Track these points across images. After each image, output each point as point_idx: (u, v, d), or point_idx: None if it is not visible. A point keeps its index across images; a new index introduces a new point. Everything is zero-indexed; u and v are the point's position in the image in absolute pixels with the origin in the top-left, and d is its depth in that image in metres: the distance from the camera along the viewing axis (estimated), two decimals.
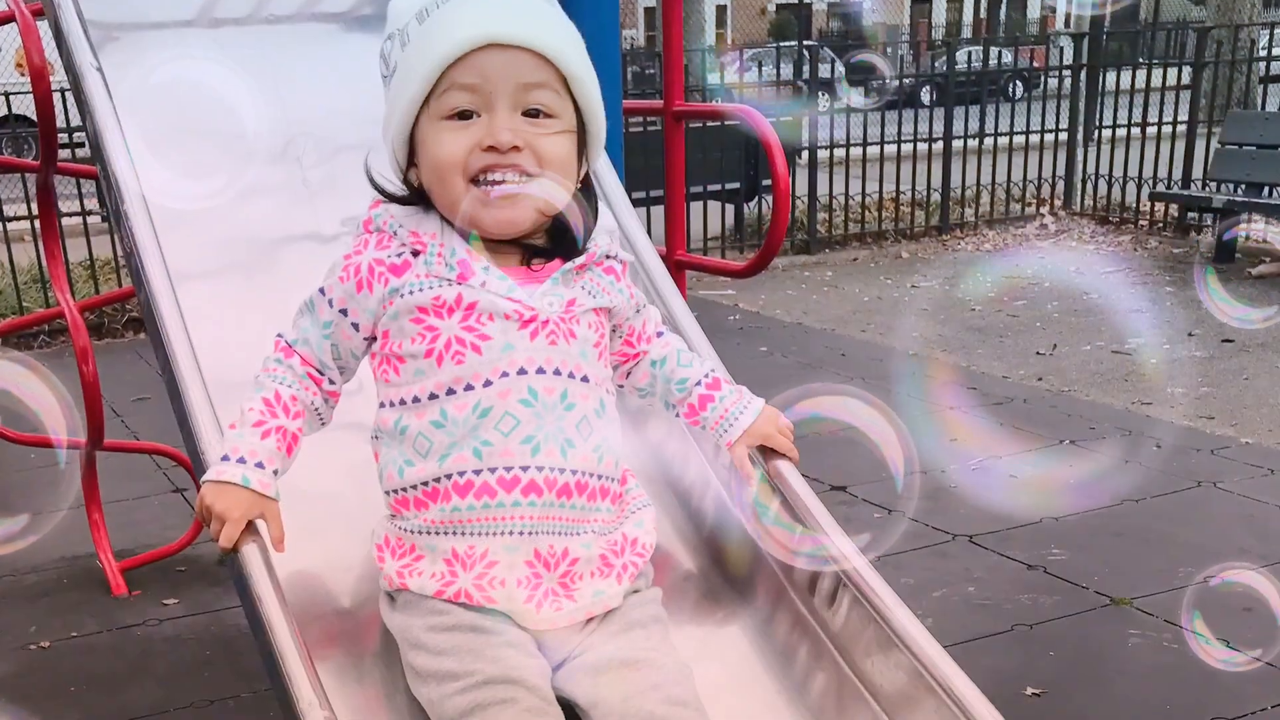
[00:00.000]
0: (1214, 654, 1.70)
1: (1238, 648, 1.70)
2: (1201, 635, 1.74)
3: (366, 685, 1.82)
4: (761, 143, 2.95)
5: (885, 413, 1.78)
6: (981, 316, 7.47)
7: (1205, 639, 1.74)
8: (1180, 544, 3.94)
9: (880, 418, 1.80)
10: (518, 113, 1.67)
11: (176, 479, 4.68)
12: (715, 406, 1.96)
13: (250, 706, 3.06)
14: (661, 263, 2.52)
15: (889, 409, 1.75)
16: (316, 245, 2.47)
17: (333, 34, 2.93)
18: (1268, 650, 1.68)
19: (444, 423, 1.68)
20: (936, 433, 5.12)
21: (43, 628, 3.56)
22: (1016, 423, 5.24)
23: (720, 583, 2.10)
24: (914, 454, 1.76)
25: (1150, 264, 8.94)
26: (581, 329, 1.75)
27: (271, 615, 1.63)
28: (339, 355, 1.79)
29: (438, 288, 1.70)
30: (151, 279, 2.16)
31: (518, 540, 1.68)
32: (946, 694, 1.67)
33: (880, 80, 9.65)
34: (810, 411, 1.83)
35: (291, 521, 1.73)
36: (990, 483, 4.54)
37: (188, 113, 2.55)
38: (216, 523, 1.69)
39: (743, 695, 1.90)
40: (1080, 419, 5.28)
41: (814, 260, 9.53)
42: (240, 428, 1.73)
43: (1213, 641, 1.72)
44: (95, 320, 7.16)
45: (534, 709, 1.59)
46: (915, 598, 3.50)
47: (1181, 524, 4.12)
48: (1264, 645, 1.71)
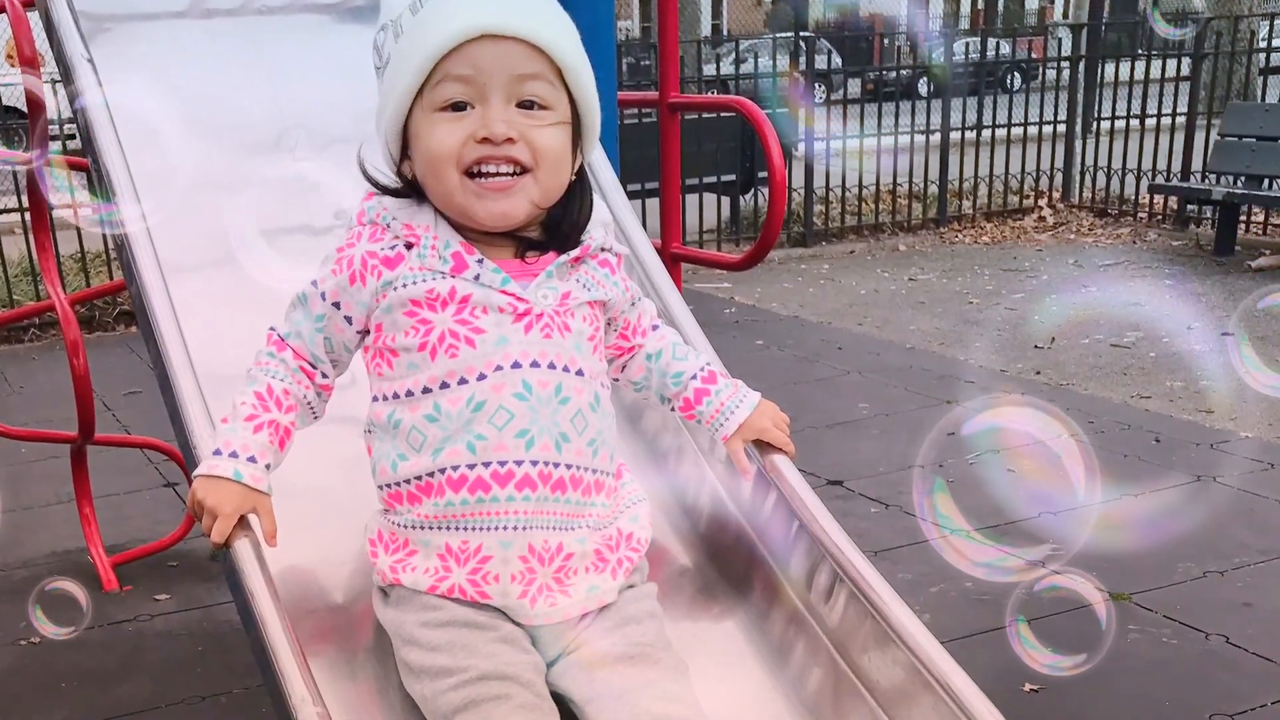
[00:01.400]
0: (1039, 659, 1.70)
1: (1063, 652, 1.71)
2: (1025, 639, 1.74)
3: (359, 681, 1.81)
4: (757, 135, 2.93)
5: (1066, 424, 1.77)
6: (979, 310, 7.46)
7: (1029, 643, 1.74)
8: (1179, 539, 3.93)
9: (1061, 429, 1.78)
10: (512, 104, 1.65)
11: (168, 473, 4.67)
12: (711, 400, 1.95)
13: (242, 702, 3.05)
14: (657, 255, 2.52)
15: (1068, 419, 1.74)
16: (309, 238, 2.45)
17: (325, 25, 2.92)
18: (1092, 656, 1.67)
19: (437, 417, 1.67)
20: (934, 427, 5.11)
21: None
22: None
23: (716, 578, 2.09)
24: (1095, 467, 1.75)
25: (1149, 257, 8.93)
26: (576, 322, 1.74)
27: (264, 610, 1.63)
28: (332, 349, 1.78)
29: (431, 281, 1.69)
30: (143, 272, 2.15)
31: (512, 535, 1.67)
32: (944, 690, 1.67)
33: None
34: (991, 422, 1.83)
35: (284, 516, 1.72)
36: (988, 477, 4.52)
37: (179, 104, 2.53)
38: (208, 517, 1.68)
39: (738, 691, 1.89)
40: (1079, 413, 5.27)
41: (810, 253, 9.52)
42: (232, 422, 1.72)
43: (1037, 645, 1.72)
44: (86, 313, 7.13)
45: (528, 705, 1.59)
46: (913, 593, 3.49)
47: (1181, 518, 4.11)
48: (1088, 650, 1.71)
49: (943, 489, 1.97)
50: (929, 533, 1.95)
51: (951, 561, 1.92)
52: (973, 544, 1.90)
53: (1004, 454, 4.74)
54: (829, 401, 5.55)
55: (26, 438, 4.36)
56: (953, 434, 4.99)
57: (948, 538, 1.88)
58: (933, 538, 1.91)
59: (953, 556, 1.90)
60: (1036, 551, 1.90)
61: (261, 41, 2.76)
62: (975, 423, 1.92)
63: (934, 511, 1.99)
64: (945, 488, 1.96)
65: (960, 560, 1.91)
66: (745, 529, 2.08)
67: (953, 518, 1.93)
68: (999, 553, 2.01)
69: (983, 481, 4.45)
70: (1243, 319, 2.29)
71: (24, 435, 4.31)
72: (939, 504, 1.98)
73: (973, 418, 1.92)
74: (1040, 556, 1.90)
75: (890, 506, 4.25)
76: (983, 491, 4.33)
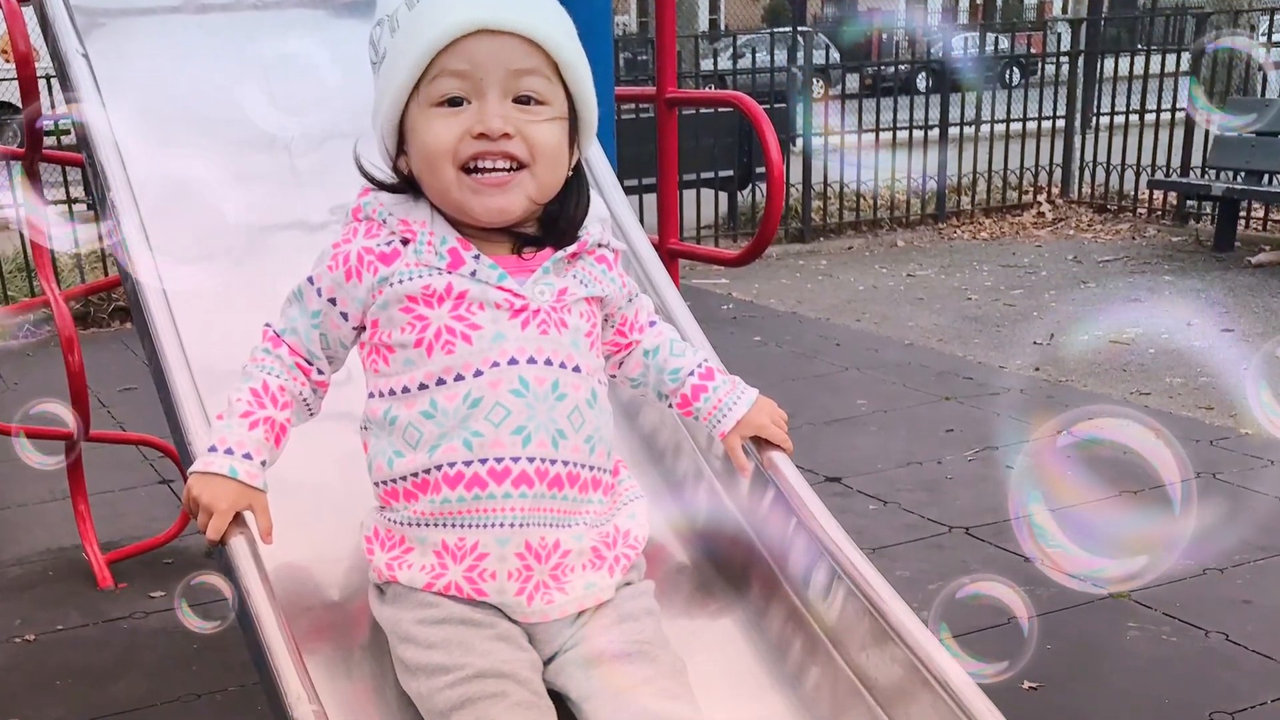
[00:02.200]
0: (962, 665, 1.70)
1: (986, 660, 1.70)
2: (947, 647, 1.73)
3: (355, 679, 1.80)
4: (755, 130, 2.93)
5: (1165, 437, 1.75)
6: (978, 306, 7.46)
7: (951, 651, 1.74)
8: (1179, 536, 3.91)
9: (1160, 442, 1.77)
10: (508, 99, 1.65)
11: (163, 470, 4.66)
12: (708, 397, 1.94)
13: (238, 700, 3.04)
14: (654, 251, 2.51)
15: (1166, 432, 1.73)
16: (305, 234, 2.44)
17: (321, 20, 2.91)
18: (1014, 663, 1.67)
19: (434, 413, 1.66)
20: (932, 423, 5.10)
21: (28, 621, 3.54)
22: (1013, 413, 5.23)
23: (713, 575, 2.08)
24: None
25: (1149, 253, 8.93)
26: (573, 318, 1.74)
27: (259, 608, 1.62)
28: (328, 345, 1.77)
29: (427, 276, 1.68)
30: (138, 267, 2.13)
31: (508, 532, 1.66)
32: (942, 688, 1.67)
33: None
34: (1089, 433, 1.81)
35: (279, 513, 1.71)
36: (986, 474, 4.52)
37: (174, 100, 2.52)
38: (204, 514, 1.67)
39: (736, 689, 1.88)
40: (1078, 410, 5.26)
41: (808, 249, 9.51)
42: (228, 418, 1.71)
43: (960, 653, 1.72)
44: (81, 309, 7.13)
45: (525, 703, 1.58)
46: (911, 590, 3.47)
47: (1180, 515, 4.10)
48: (1011, 658, 1.71)
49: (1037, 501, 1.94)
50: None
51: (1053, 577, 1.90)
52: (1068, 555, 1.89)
53: (1003, 451, 4.75)
54: (827, 398, 5.55)
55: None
56: (950, 431, 5.00)
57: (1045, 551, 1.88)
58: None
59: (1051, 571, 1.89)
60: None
61: (257, 36, 2.75)
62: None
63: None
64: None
65: (1056, 573, 1.89)
66: (743, 526, 2.07)
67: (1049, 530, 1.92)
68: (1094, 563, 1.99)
69: (978, 476, 4.46)
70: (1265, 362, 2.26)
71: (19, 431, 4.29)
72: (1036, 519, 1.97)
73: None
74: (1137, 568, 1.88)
75: (888, 503, 4.25)
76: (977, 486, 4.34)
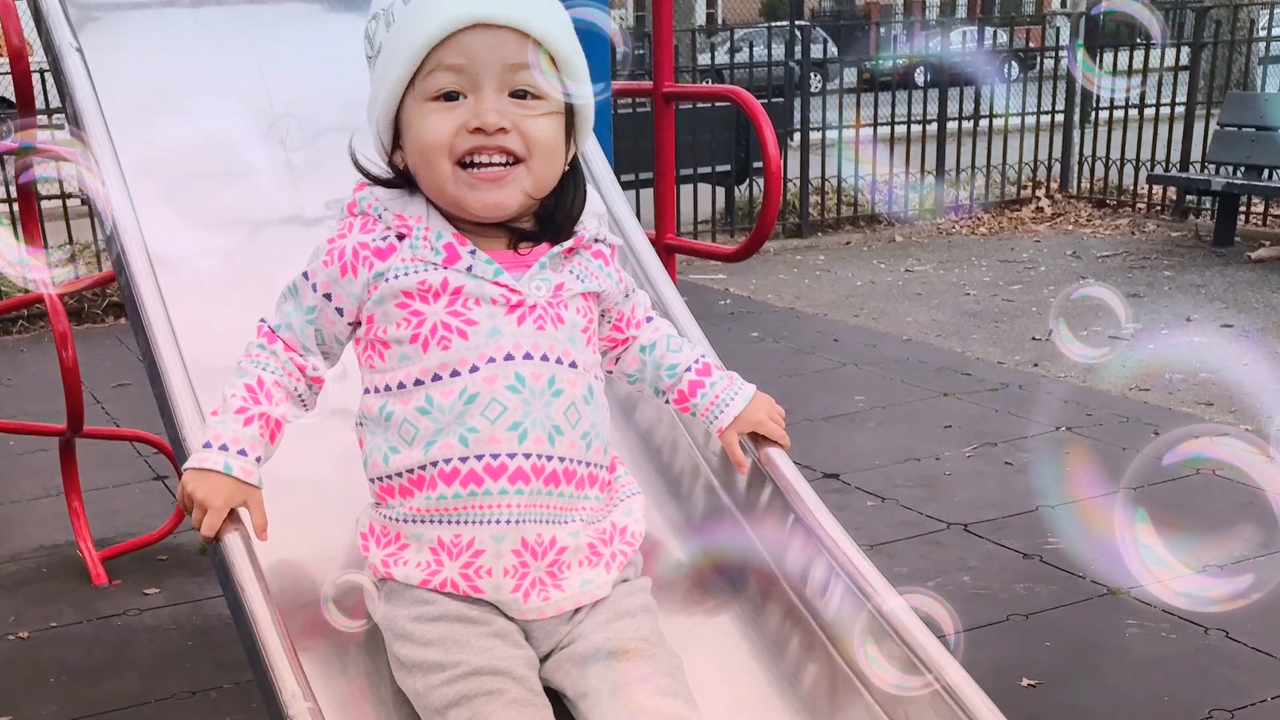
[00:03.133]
0: (887, 678, 1.70)
1: (913, 672, 1.71)
2: (873, 658, 1.74)
3: (351, 676, 1.80)
4: (753, 124, 2.92)
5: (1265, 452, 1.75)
6: (976, 301, 7.45)
7: (875, 661, 1.74)
8: (1179, 532, 3.90)
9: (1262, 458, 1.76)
10: (505, 94, 1.64)
11: (157, 466, 4.65)
12: (706, 393, 1.93)
13: (232, 697, 3.03)
14: (651, 246, 2.51)
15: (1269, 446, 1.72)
16: (300, 229, 2.44)
17: (316, 14, 2.90)
18: (940, 674, 1.67)
19: (430, 409, 1.66)
20: (930, 419, 5.10)
21: (21, 618, 3.53)
22: (1012, 409, 5.22)
23: (710, 572, 2.08)
24: None
25: (1148, 248, 8.92)
26: (569, 314, 1.73)
27: (254, 605, 1.62)
28: (323, 340, 1.77)
29: (423, 272, 1.68)
30: (132, 263, 2.13)
31: (505, 529, 1.66)
32: (941, 685, 1.66)
33: None
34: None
35: (274, 510, 1.71)
36: (985, 470, 4.52)
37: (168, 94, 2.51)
38: (198, 511, 1.67)
39: (733, 686, 1.88)
40: (1076, 405, 5.26)
41: (806, 244, 9.50)
42: (222, 414, 1.70)
43: (884, 665, 1.72)
44: (75, 305, 7.12)
45: (521, 700, 1.58)
46: (909, 587, 3.47)
47: (1180, 512, 4.09)
48: (937, 668, 1.71)
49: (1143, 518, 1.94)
50: None
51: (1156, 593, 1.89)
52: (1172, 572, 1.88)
53: (1002, 447, 4.75)
54: (825, 394, 5.54)
55: (14, 431, 4.34)
56: (948, 427, 4.99)
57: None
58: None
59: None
60: None
61: (252, 30, 2.74)
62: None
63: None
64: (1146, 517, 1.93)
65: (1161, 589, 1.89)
66: (740, 523, 2.07)
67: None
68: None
69: (977, 472, 4.45)
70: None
71: (12, 428, 4.29)
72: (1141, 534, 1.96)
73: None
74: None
75: (886, 499, 4.24)
76: (976, 482, 4.33)
